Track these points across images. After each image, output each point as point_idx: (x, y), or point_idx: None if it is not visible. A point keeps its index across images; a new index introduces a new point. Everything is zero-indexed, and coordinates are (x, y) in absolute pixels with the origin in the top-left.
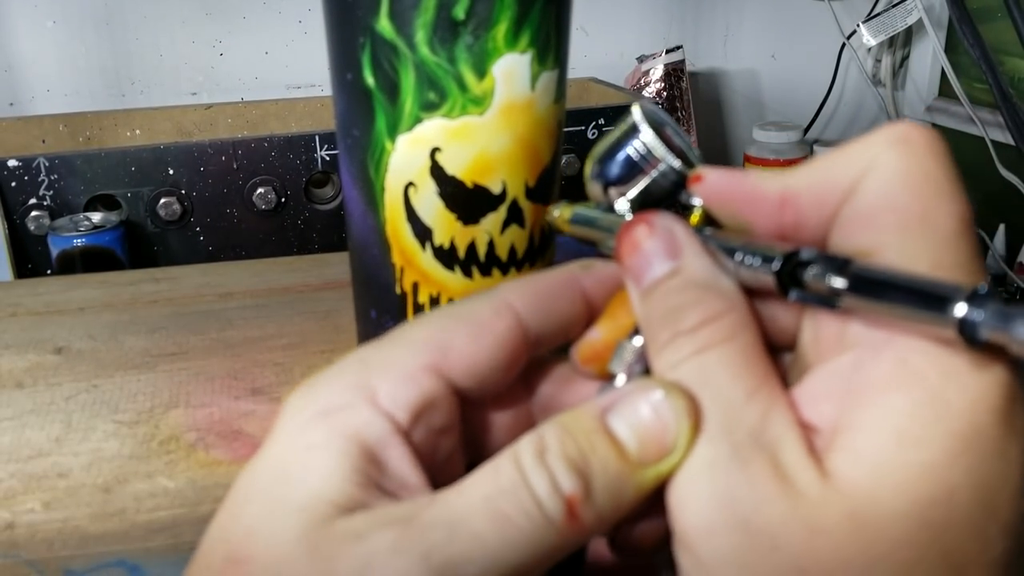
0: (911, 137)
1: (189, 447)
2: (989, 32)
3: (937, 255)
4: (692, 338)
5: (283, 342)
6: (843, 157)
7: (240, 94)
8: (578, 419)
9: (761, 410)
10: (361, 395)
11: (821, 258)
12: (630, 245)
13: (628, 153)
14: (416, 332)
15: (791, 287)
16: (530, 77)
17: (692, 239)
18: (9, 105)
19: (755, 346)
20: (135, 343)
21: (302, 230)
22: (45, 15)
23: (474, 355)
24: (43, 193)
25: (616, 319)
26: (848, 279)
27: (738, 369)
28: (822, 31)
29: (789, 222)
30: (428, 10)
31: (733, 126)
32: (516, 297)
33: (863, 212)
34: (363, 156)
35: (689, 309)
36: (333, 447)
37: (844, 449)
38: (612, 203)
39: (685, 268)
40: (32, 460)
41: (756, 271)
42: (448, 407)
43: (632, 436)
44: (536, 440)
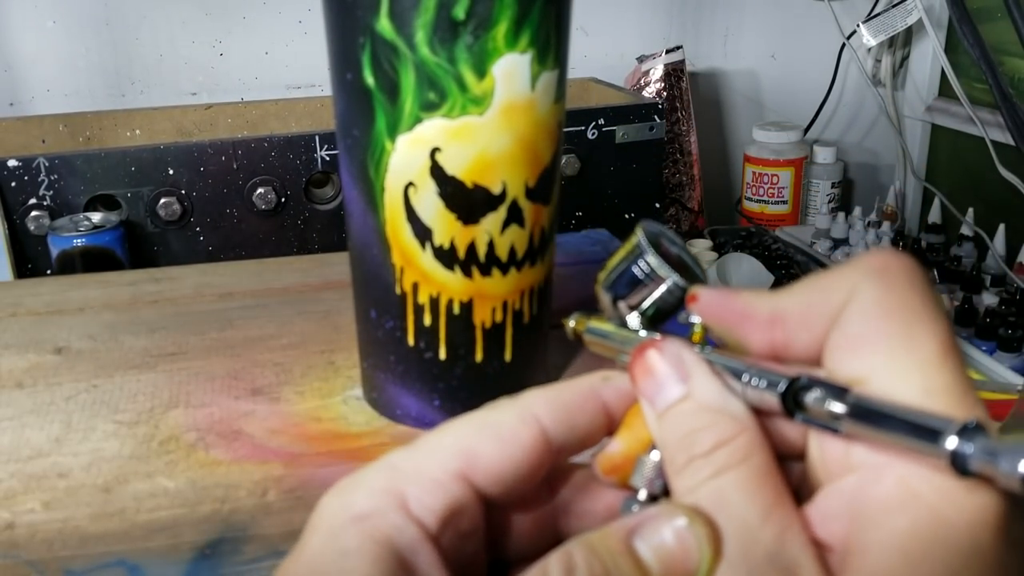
0: (888, 267)
1: (189, 447)
2: (989, 32)
3: (924, 380)
4: (708, 461)
5: (283, 342)
6: (826, 284)
7: (240, 94)
8: (605, 540)
9: (777, 531)
10: (393, 501)
11: (821, 384)
12: (643, 370)
13: (634, 273)
14: (444, 439)
15: (795, 410)
16: (530, 77)
17: (700, 363)
18: (9, 105)
19: (768, 465)
20: (135, 343)
21: (302, 230)
22: (45, 15)
23: (500, 463)
24: (43, 193)
25: (633, 431)
26: (847, 406)
27: (753, 490)
28: (822, 31)
29: (779, 341)
30: (428, 10)
31: (733, 126)
32: (541, 408)
33: (850, 339)
34: (363, 156)
35: (703, 433)
36: (367, 553)
37: (855, 570)
38: (623, 316)
39: (695, 392)
40: (32, 460)
41: (762, 393)
42: (474, 512)
43: (656, 560)
44: (565, 559)
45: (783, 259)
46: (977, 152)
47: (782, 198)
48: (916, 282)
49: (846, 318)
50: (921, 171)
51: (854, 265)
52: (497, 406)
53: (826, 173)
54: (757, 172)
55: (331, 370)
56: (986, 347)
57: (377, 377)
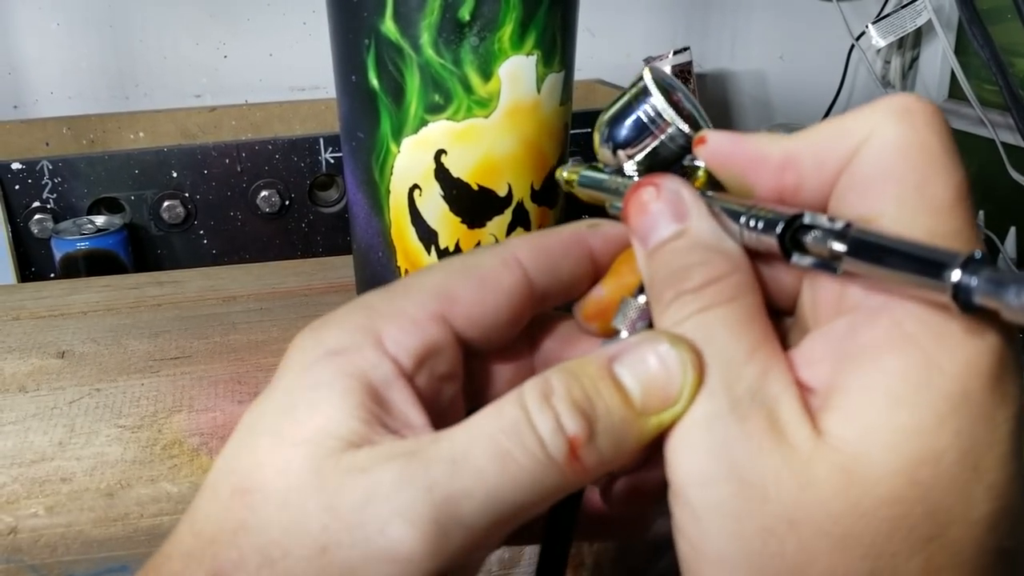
0: (911, 108)
1: (192, 451)
2: (999, 33)
3: (933, 223)
4: (696, 297)
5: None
6: (844, 124)
7: (244, 96)
8: (585, 365)
9: (760, 368)
10: (367, 338)
11: (822, 223)
12: (637, 206)
13: (638, 116)
14: (423, 280)
15: (793, 251)
16: (536, 79)
17: (698, 201)
18: (13, 108)
19: (757, 307)
20: (138, 347)
21: (306, 233)
22: (49, 17)
23: (480, 306)
24: (47, 196)
25: (621, 277)
26: (847, 243)
27: (740, 328)
28: (831, 32)
29: (789, 185)
30: (433, 12)
31: (741, 127)
32: (524, 252)
33: (861, 180)
34: (368, 158)
35: (694, 269)
36: (339, 385)
37: (837, 409)
38: (620, 165)
39: (691, 230)
40: (35, 464)
41: (760, 234)
42: (452, 355)
43: (637, 385)
44: (542, 382)
45: None
46: (987, 154)
47: None
48: (937, 126)
49: (860, 158)
50: None
51: (875, 106)
52: (479, 250)
53: None
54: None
55: None
56: None
57: None
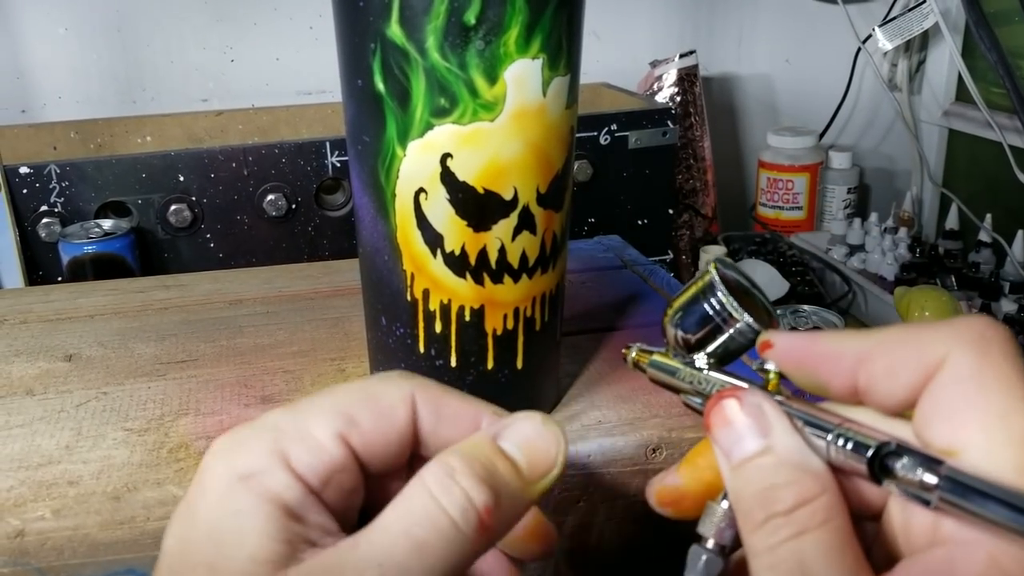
0: (986, 335)
1: (199, 455)
2: (1006, 36)
3: (1018, 456)
4: (788, 520)
5: (293, 349)
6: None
7: (251, 100)
8: (476, 445)
9: None
10: (277, 460)
11: (912, 453)
12: (720, 419)
13: (706, 311)
14: (326, 402)
15: (882, 476)
16: (542, 82)
17: (781, 417)
18: (21, 112)
19: (848, 530)
20: (145, 350)
21: (312, 237)
22: (57, 22)
23: (376, 434)
24: (54, 200)
25: (696, 471)
26: (940, 478)
27: (835, 555)
28: (837, 35)
29: (862, 385)
30: (439, 16)
31: (747, 131)
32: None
33: (944, 409)
34: (374, 162)
35: (783, 490)
36: (260, 512)
37: None
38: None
39: (776, 447)
40: (42, 467)
41: (847, 455)
42: (353, 471)
43: (522, 455)
44: (442, 466)
45: (798, 265)
46: (995, 157)
47: (797, 204)
48: (1012, 354)
49: (939, 385)
50: (938, 176)
51: (951, 326)
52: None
53: (842, 178)
54: (772, 178)
55: (341, 378)
56: None
57: None
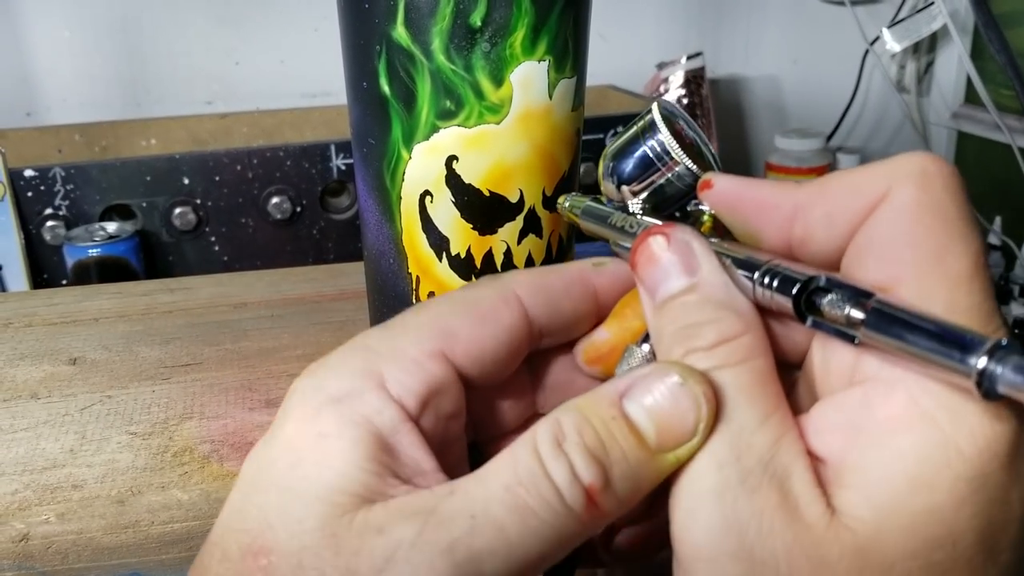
0: (928, 171)
1: (203, 459)
2: (1015, 37)
3: (952, 296)
4: (707, 356)
5: (298, 352)
6: (858, 180)
7: (255, 103)
8: (595, 405)
9: (772, 437)
10: (370, 382)
11: (841, 287)
12: (646, 256)
13: (645, 151)
14: (422, 317)
15: (808, 313)
16: (548, 85)
17: (710, 255)
18: (26, 115)
19: (769, 369)
20: (149, 354)
21: (317, 240)
22: (61, 25)
23: (479, 343)
24: (59, 203)
25: (624, 321)
26: (868, 314)
27: (752, 392)
28: (845, 37)
29: (798, 236)
30: (445, 18)
31: (755, 133)
32: (524, 289)
33: (877, 244)
34: (379, 165)
35: (705, 327)
36: (346, 436)
37: (853, 487)
38: (625, 201)
39: (702, 285)
40: (46, 471)
41: (774, 293)
42: (454, 393)
43: (650, 422)
44: (554, 427)
45: None
46: (1004, 159)
47: None
48: (954, 191)
49: (875, 220)
50: None
51: (890, 163)
52: (478, 284)
53: None
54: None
55: None
56: None
57: None
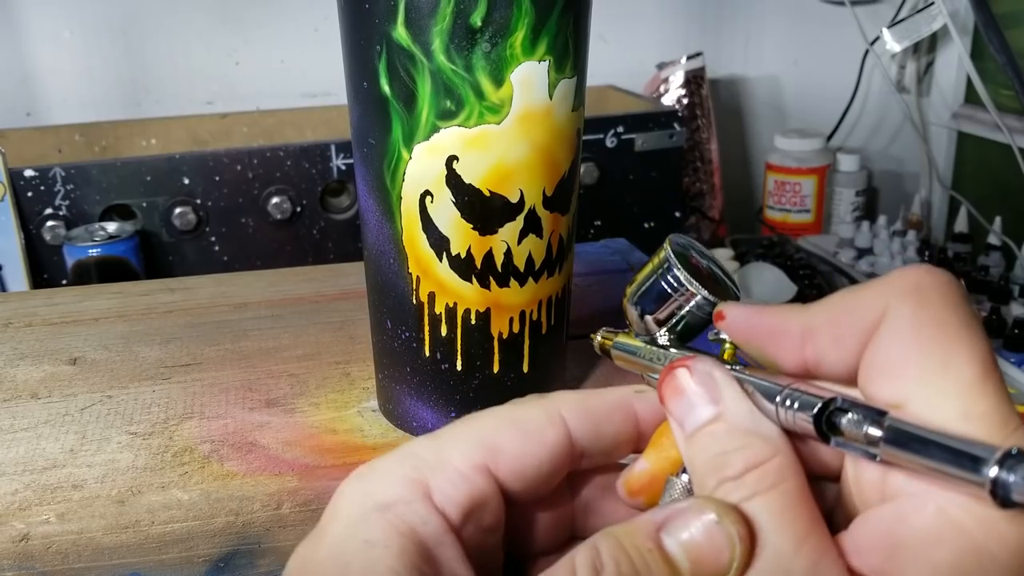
0: (923, 284)
1: (203, 459)
2: (1015, 37)
3: (964, 404)
4: (738, 485)
5: (298, 352)
6: (858, 300)
7: (255, 103)
8: (633, 535)
9: (810, 561)
10: (416, 491)
11: (857, 408)
12: (672, 388)
13: (663, 287)
14: (469, 430)
15: (830, 434)
16: (548, 85)
17: (731, 383)
18: (26, 115)
19: (802, 491)
20: (149, 354)
21: (317, 240)
22: (62, 26)
23: (523, 459)
24: (59, 203)
25: (662, 451)
26: (883, 431)
27: (786, 517)
28: (845, 37)
29: (811, 359)
30: (445, 18)
31: (755, 133)
32: (568, 410)
33: (884, 362)
34: (379, 165)
35: (733, 455)
36: (392, 545)
37: None
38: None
39: (727, 413)
40: (47, 471)
41: (795, 415)
42: (496, 506)
43: (685, 557)
44: (592, 553)
45: (806, 269)
46: (1004, 160)
47: (805, 207)
48: (952, 300)
49: (880, 340)
50: (947, 179)
51: (887, 281)
52: (524, 402)
53: (850, 181)
54: (779, 180)
55: (346, 381)
56: (1015, 359)
57: (393, 388)
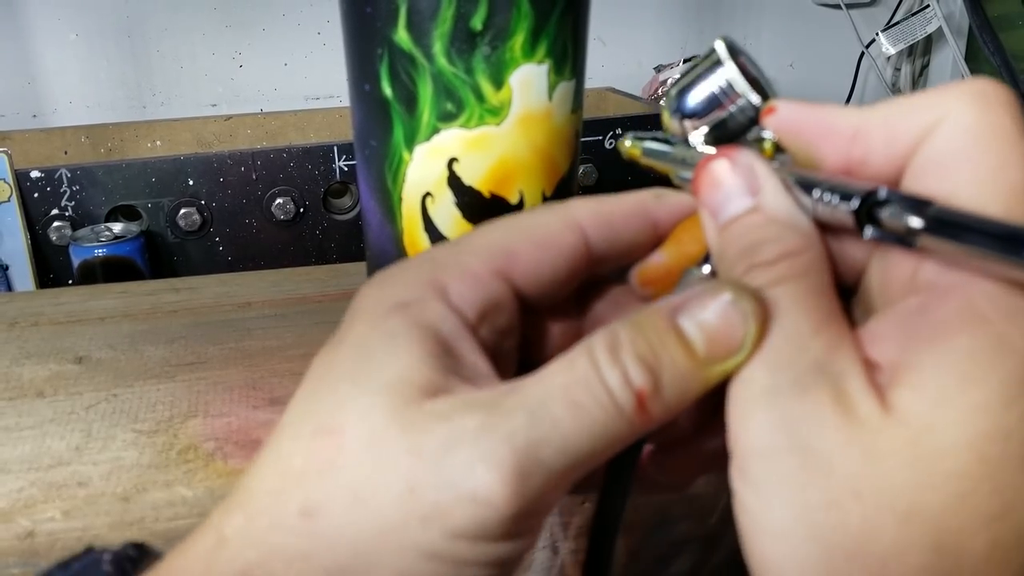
0: (986, 92)
1: (208, 456)
2: (1010, 40)
3: (1009, 206)
4: (768, 271)
5: (301, 352)
6: (919, 102)
7: (259, 105)
8: (649, 318)
9: (827, 343)
10: (433, 291)
11: (900, 198)
12: (710, 180)
13: (710, 87)
14: (486, 237)
15: (868, 224)
16: (547, 87)
17: (772, 176)
18: (32, 117)
19: (827, 284)
20: (154, 353)
21: (320, 240)
22: (68, 28)
23: (538, 265)
24: (65, 204)
25: (682, 245)
26: (926, 219)
27: (809, 303)
28: (841, 40)
29: (858, 158)
30: (446, 21)
31: None
32: (585, 216)
33: (937, 160)
34: (381, 166)
35: (768, 244)
36: (413, 335)
37: (906, 385)
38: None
39: (765, 205)
40: (52, 469)
41: (834, 208)
42: (511, 310)
43: (700, 335)
44: (610, 336)
45: None
46: None
47: None
48: (1012, 112)
49: (935, 138)
50: None
51: (950, 88)
52: (541, 209)
53: None
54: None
55: None
56: None
57: None
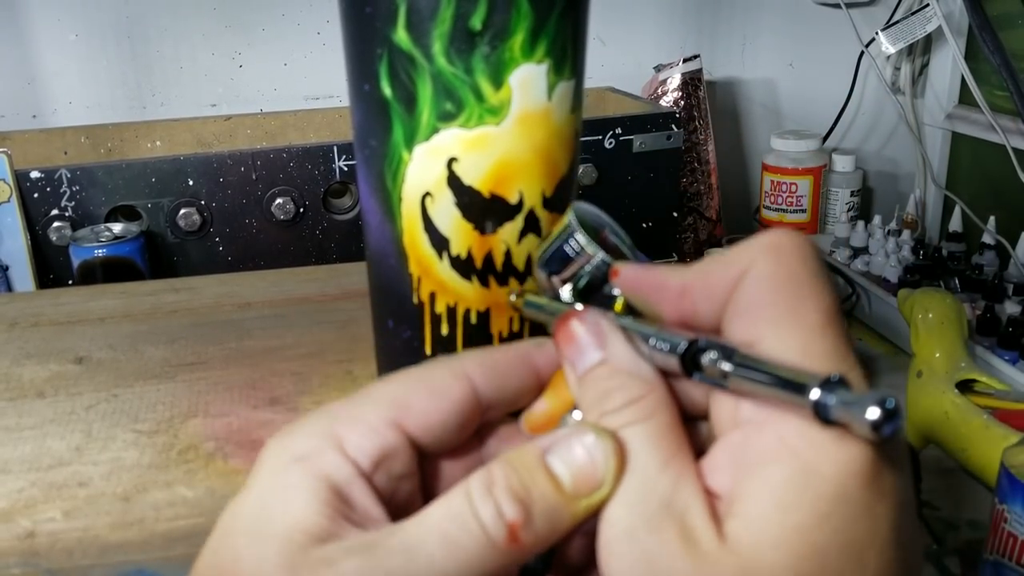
0: (781, 243)
1: (208, 456)
2: (1009, 39)
3: (806, 345)
4: (617, 416)
5: (301, 352)
6: (727, 260)
7: (259, 105)
8: (521, 457)
9: (672, 480)
10: (330, 443)
11: (713, 346)
12: (565, 336)
13: (565, 250)
14: (382, 390)
15: (693, 370)
16: (547, 87)
17: (615, 331)
18: (32, 117)
19: (671, 422)
20: (155, 353)
21: (320, 240)
22: (68, 29)
23: (430, 414)
24: (65, 204)
25: (558, 392)
26: (733, 365)
27: (655, 442)
28: (840, 39)
29: (688, 310)
30: (445, 21)
31: (751, 135)
32: (473, 367)
33: (744, 308)
34: (380, 166)
35: (615, 392)
36: (307, 486)
37: (736, 515)
38: (556, 290)
39: (611, 357)
40: (53, 469)
41: (665, 356)
42: (406, 457)
43: (567, 472)
44: (485, 474)
45: None
46: (998, 160)
47: (801, 207)
48: (805, 257)
49: (741, 289)
50: (942, 179)
51: (751, 243)
52: (434, 363)
53: (845, 181)
54: (775, 181)
55: (349, 380)
56: (1008, 356)
57: None
